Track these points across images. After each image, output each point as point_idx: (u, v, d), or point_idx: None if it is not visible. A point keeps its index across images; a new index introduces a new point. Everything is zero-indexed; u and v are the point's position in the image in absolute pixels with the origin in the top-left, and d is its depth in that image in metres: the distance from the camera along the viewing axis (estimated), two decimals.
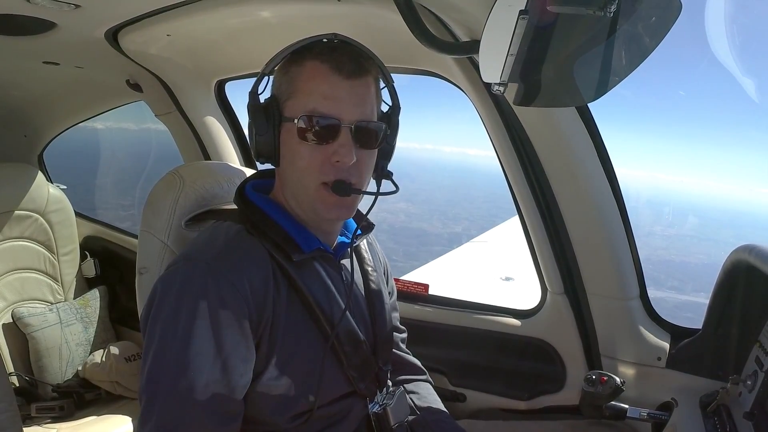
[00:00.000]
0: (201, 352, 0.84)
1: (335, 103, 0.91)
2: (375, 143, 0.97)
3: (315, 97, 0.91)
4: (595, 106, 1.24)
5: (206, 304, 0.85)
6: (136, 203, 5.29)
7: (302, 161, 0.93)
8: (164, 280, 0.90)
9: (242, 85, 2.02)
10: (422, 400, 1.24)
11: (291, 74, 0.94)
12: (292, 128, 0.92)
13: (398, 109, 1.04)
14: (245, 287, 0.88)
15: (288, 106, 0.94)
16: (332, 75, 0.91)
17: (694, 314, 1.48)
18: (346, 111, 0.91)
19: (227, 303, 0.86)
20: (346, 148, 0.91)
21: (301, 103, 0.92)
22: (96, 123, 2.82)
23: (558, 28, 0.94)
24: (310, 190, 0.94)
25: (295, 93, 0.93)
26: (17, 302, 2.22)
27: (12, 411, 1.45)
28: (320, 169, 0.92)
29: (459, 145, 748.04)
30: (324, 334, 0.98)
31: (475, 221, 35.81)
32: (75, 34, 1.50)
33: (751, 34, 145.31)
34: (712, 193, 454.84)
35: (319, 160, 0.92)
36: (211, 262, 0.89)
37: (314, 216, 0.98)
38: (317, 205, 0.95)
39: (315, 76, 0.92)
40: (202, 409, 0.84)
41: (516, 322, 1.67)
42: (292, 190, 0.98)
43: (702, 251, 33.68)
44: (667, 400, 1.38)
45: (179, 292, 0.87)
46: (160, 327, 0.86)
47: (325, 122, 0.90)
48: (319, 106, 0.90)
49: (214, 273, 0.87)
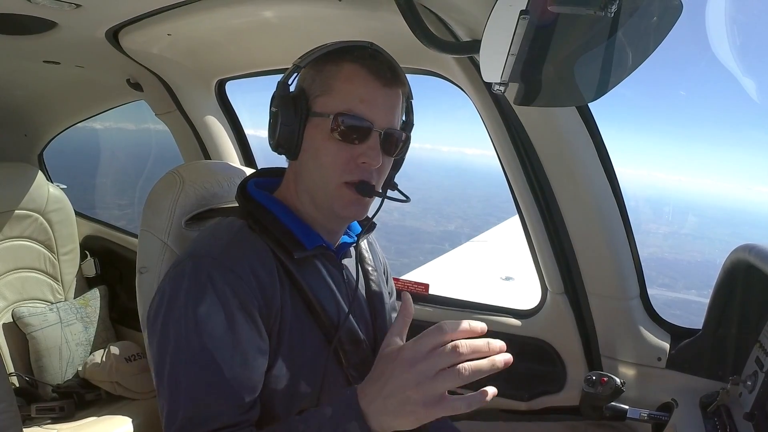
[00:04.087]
0: (220, 345, 0.84)
1: (371, 107, 0.93)
2: (395, 151, 1.00)
3: (352, 98, 0.93)
4: (596, 106, 1.24)
5: (217, 297, 0.85)
6: (135, 202, 5.29)
7: (328, 157, 0.94)
8: (172, 280, 0.89)
9: (242, 85, 2.02)
10: None
11: (326, 72, 0.95)
12: (323, 123, 0.93)
13: (412, 126, 1.07)
14: (253, 281, 0.88)
15: (320, 102, 0.95)
16: (371, 80, 0.93)
17: (682, 311, 1.48)
18: (379, 116, 0.94)
19: (237, 294, 0.86)
20: (375, 151, 0.94)
21: (337, 101, 0.93)
22: (95, 123, 2.83)
23: (558, 28, 0.94)
24: (330, 186, 0.95)
25: (330, 91, 0.94)
26: (17, 302, 2.22)
27: (12, 411, 1.45)
28: (345, 167, 0.94)
29: (457, 144, 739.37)
30: (325, 332, 0.98)
31: (469, 219, 35.86)
32: (75, 33, 1.50)
33: (751, 34, 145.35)
34: (710, 192, 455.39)
35: (345, 158, 0.94)
36: (217, 257, 0.89)
37: (329, 213, 0.99)
38: (335, 202, 0.96)
39: (353, 79, 0.94)
40: (227, 398, 0.84)
41: (516, 322, 1.67)
42: (309, 185, 0.98)
43: (696, 249, 33.72)
44: (667, 401, 1.38)
45: (188, 289, 0.86)
46: (173, 326, 0.86)
47: (360, 123, 0.92)
48: (355, 107, 0.92)
49: (222, 267, 0.87)
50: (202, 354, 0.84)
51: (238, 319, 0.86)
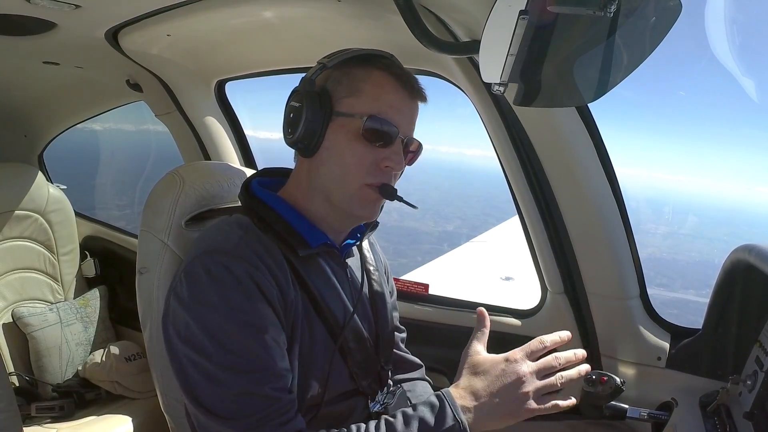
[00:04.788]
0: (254, 331, 0.85)
1: (398, 114, 0.96)
2: (411, 160, 1.04)
3: (381, 103, 0.95)
4: (595, 106, 1.24)
5: (239, 286, 0.86)
6: (135, 203, 5.29)
7: (352, 158, 0.95)
8: (189, 276, 0.89)
9: (242, 86, 2.02)
10: (420, 399, 1.25)
11: (354, 75, 0.97)
12: (349, 124, 0.94)
13: None
14: (268, 274, 0.89)
15: (346, 103, 0.96)
16: (400, 89, 0.97)
17: (679, 311, 1.49)
18: (404, 124, 0.97)
19: (258, 283, 0.87)
20: (399, 156, 0.97)
21: (366, 104, 0.95)
22: (95, 124, 2.82)
23: (558, 28, 0.94)
24: (351, 187, 0.96)
25: (359, 93, 0.96)
26: (17, 302, 2.22)
27: (12, 411, 1.45)
28: (369, 169, 0.96)
29: (456, 145, 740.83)
30: (330, 330, 0.99)
31: (468, 220, 35.87)
32: (75, 34, 1.50)
33: (751, 34, 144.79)
34: (709, 192, 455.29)
35: (369, 160, 0.95)
36: (230, 250, 0.89)
37: (342, 212, 0.99)
38: (355, 202, 0.97)
39: (384, 85, 0.96)
40: (261, 384, 0.85)
41: (516, 322, 1.67)
42: (325, 183, 0.98)
43: (694, 249, 33.73)
44: (667, 400, 1.38)
45: (209, 282, 0.86)
46: (197, 321, 0.85)
47: (388, 128, 0.94)
48: (384, 111, 0.95)
49: (239, 259, 0.88)
50: (241, 341, 0.84)
51: (260, 305, 0.86)
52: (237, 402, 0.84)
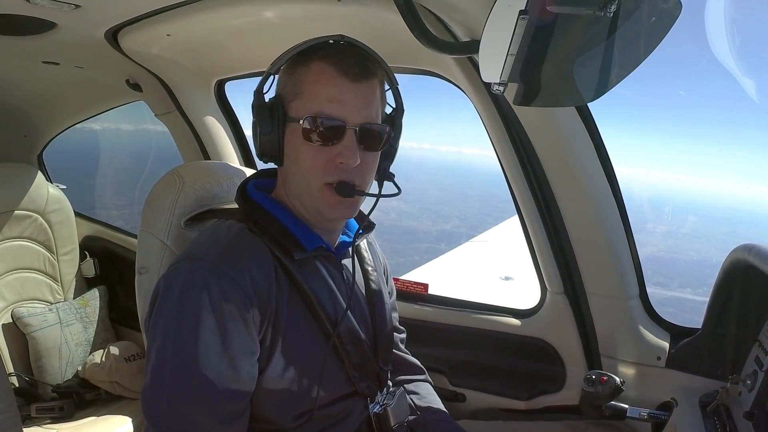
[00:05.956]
0: (208, 347, 0.84)
1: (341, 105, 0.92)
2: (379, 145, 0.98)
3: (320, 99, 0.92)
4: (595, 105, 1.24)
5: (209, 301, 0.85)
6: (135, 203, 5.29)
7: (306, 162, 0.94)
8: (166, 278, 0.90)
9: (242, 85, 2.02)
10: (422, 400, 1.24)
11: (296, 75, 0.95)
12: (297, 129, 0.93)
13: (402, 112, 1.05)
14: (248, 284, 0.88)
15: (293, 107, 0.94)
16: (338, 78, 0.91)
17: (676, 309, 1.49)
18: (351, 113, 0.92)
19: (230, 298, 0.86)
20: (351, 150, 0.92)
21: (307, 104, 0.92)
22: (95, 124, 2.82)
23: (558, 28, 0.94)
24: (313, 190, 0.95)
25: (301, 94, 0.94)
26: (17, 302, 2.22)
27: (12, 411, 1.45)
28: (324, 169, 0.93)
29: (455, 144, 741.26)
30: (325, 333, 0.98)
31: (466, 219, 35.88)
32: (75, 34, 1.50)
33: (751, 34, 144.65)
34: (709, 191, 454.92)
35: (323, 160, 0.93)
36: (213, 260, 0.89)
37: (317, 215, 0.99)
38: (321, 205, 0.96)
39: (321, 79, 0.92)
40: (211, 406, 0.84)
41: (516, 322, 1.67)
42: (295, 190, 0.98)
43: (693, 248, 33.75)
44: (666, 400, 1.38)
45: (182, 290, 0.87)
46: (163, 325, 0.86)
47: (330, 124, 0.91)
48: (324, 108, 0.91)
49: (217, 271, 0.87)
50: (188, 354, 0.84)
51: (229, 324, 0.85)
52: (179, 417, 0.84)
